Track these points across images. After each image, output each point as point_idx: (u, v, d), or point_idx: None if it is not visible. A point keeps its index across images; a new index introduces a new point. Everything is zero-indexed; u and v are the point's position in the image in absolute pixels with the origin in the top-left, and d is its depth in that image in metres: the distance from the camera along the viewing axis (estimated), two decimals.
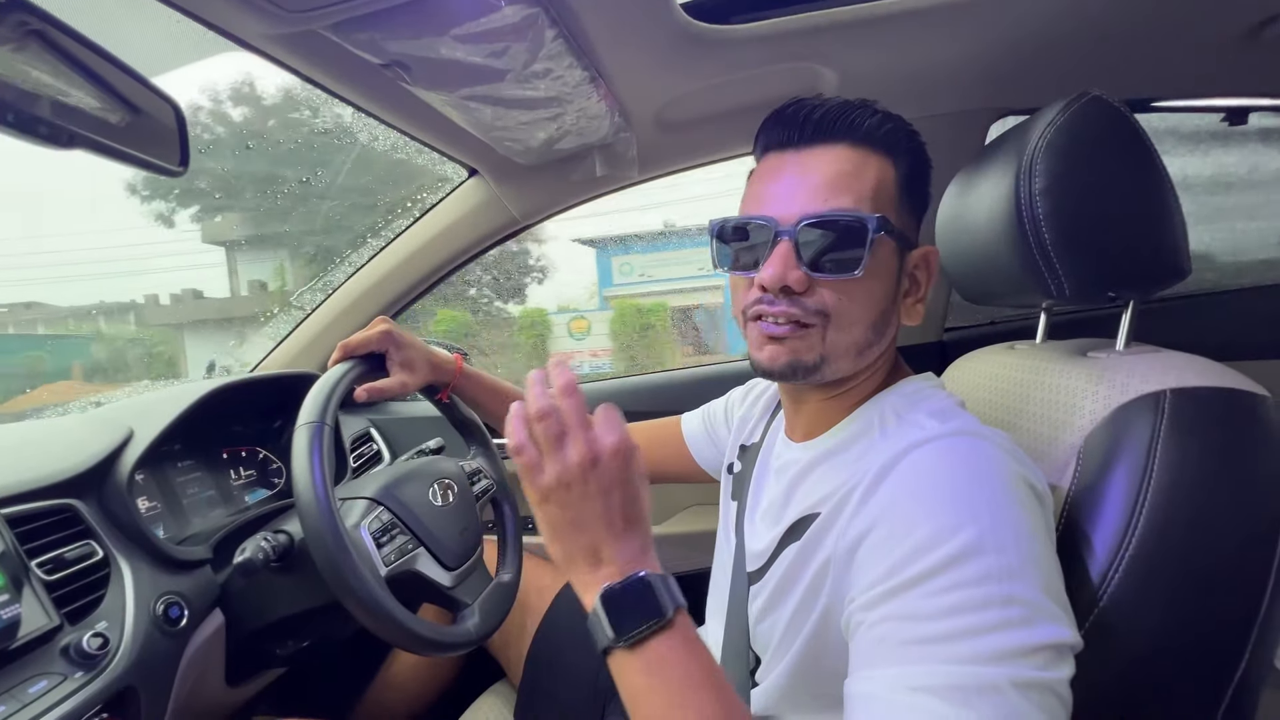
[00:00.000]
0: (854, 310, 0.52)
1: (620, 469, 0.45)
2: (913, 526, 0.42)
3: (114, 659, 0.59)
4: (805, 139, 0.53)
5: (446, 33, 0.57)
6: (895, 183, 0.53)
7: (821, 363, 0.53)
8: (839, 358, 0.53)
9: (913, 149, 0.54)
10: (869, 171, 0.51)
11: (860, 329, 0.53)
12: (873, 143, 0.52)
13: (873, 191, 0.51)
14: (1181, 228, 0.53)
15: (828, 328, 0.52)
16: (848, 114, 0.52)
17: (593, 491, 0.45)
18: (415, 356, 0.80)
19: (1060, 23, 0.79)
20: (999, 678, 0.36)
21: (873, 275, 0.51)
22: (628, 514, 0.46)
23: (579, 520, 0.45)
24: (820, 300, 0.51)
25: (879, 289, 0.53)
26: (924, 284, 0.57)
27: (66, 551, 0.62)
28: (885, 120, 0.53)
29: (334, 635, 0.85)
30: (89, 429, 0.75)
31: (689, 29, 0.73)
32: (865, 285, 0.51)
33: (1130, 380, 0.50)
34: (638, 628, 0.42)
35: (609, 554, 0.45)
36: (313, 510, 0.60)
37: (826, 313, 0.51)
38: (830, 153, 0.52)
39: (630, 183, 1.15)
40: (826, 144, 0.52)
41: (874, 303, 0.53)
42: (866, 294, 0.52)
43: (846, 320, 0.52)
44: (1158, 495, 0.45)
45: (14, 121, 0.41)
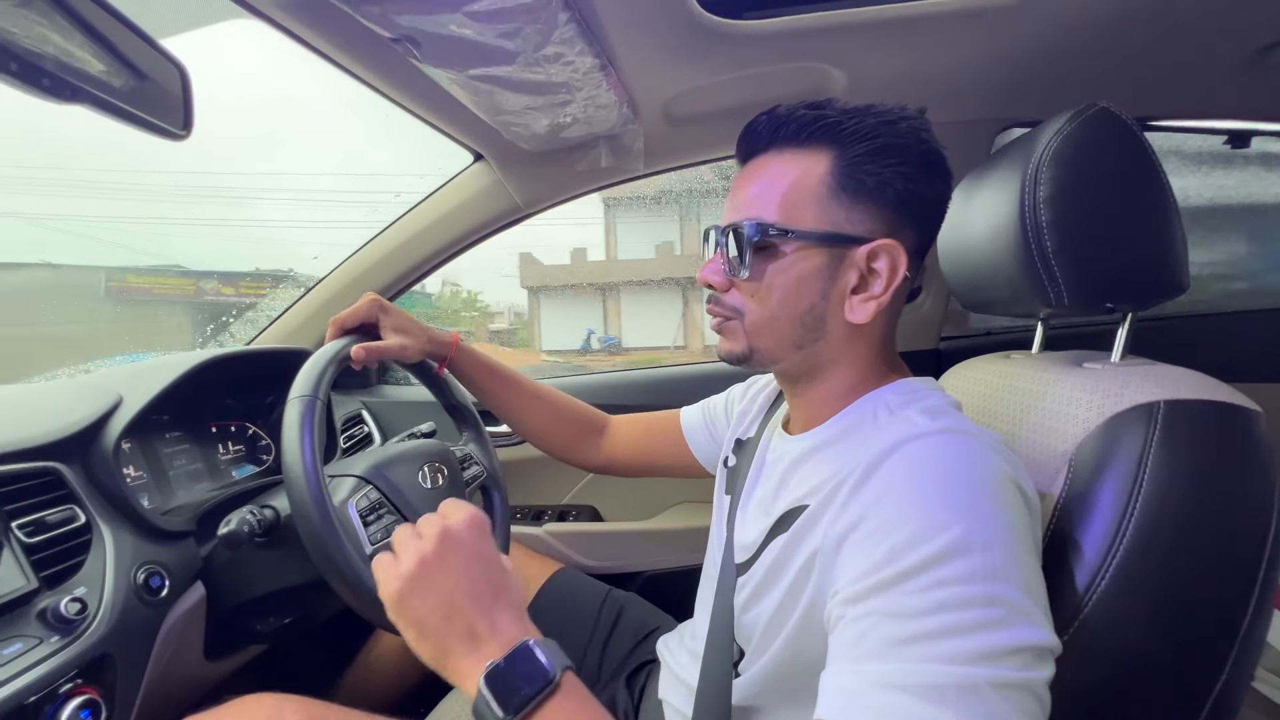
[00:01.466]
0: (759, 307, 0.55)
1: (475, 540, 0.48)
2: (899, 522, 0.42)
3: (91, 625, 0.58)
4: (748, 154, 0.57)
5: (459, 9, 0.57)
6: (825, 177, 0.52)
7: (751, 353, 0.57)
8: (770, 349, 0.57)
9: (862, 134, 0.51)
10: (787, 174, 0.53)
11: (779, 324, 0.55)
12: (799, 141, 0.53)
13: (783, 196, 0.53)
14: (1182, 243, 0.53)
15: (744, 323, 0.57)
16: (776, 123, 0.54)
17: (452, 567, 0.46)
18: (405, 322, 0.79)
19: (1069, 39, 0.79)
20: (978, 678, 0.36)
21: (776, 275, 0.54)
22: (493, 583, 0.46)
23: (448, 603, 0.45)
24: (733, 299, 0.57)
25: (789, 288, 0.54)
26: (885, 278, 0.52)
27: (48, 515, 0.61)
28: (821, 116, 0.52)
29: (316, 613, 0.85)
30: (77, 394, 0.74)
31: (702, 21, 0.73)
32: (769, 285, 0.54)
33: (1125, 391, 0.50)
34: (528, 698, 0.41)
35: (485, 629, 0.44)
36: (301, 485, 0.60)
37: (739, 309, 0.57)
38: (760, 163, 0.56)
39: (635, 175, 1.14)
40: (760, 155, 0.56)
41: (785, 300, 0.54)
42: (773, 293, 0.54)
43: (757, 316, 0.56)
44: (1147, 505, 0.45)
45: (17, 71, 0.40)
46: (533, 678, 0.41)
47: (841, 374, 0.57)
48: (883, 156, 0.51)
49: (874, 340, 0.57)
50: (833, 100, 0.54)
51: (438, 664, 0.45)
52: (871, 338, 0.56)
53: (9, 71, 0.40)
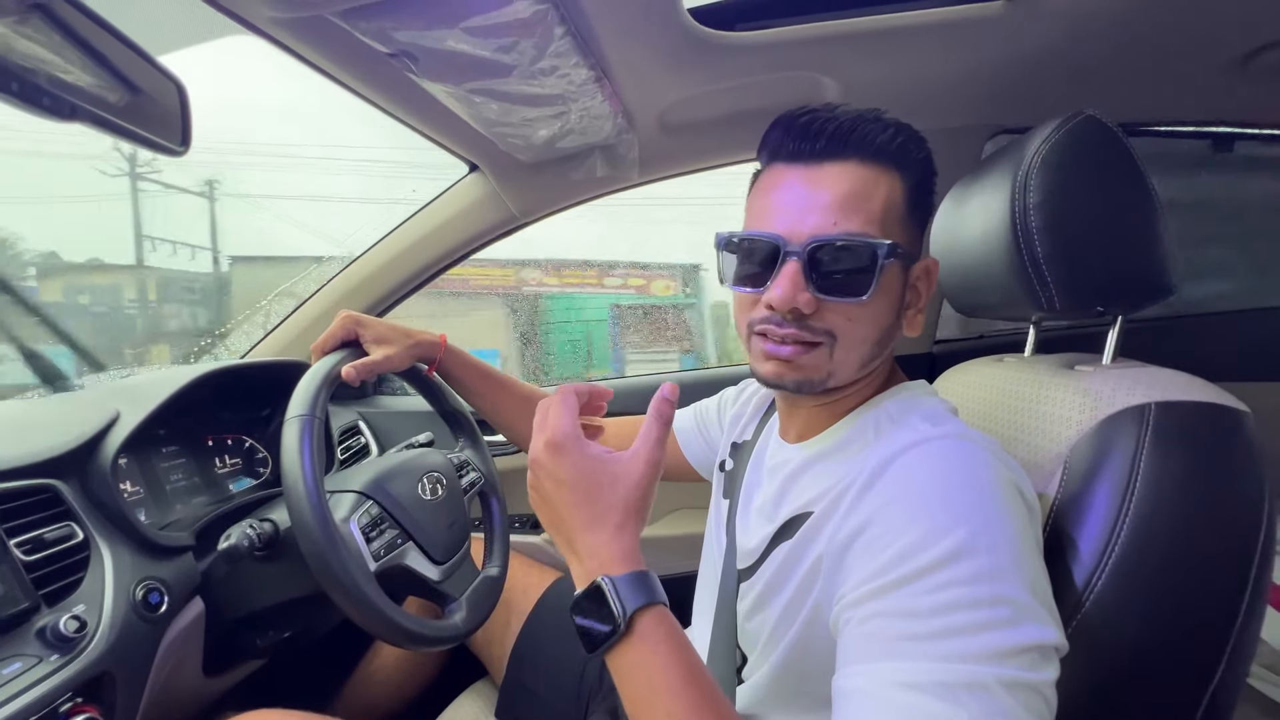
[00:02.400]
0: (860, 330, 0.52)
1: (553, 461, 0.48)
2: (905, 526, 0.42)
3: (90, 643, 0.58)
4: (814, 155, 0.52)
5: (456, 25, 0.57)
6: (903, 198, 0.52)
7: (828, 379, 0.53)
8: (843, 372, 0.54)
9: (921, 160, 0.54)
10: (879, 190, 0.51)
11: (866, 346, 0.53)
12: (883, 158, 0.51)
13: (881, 212, 0.51)
14: (1169, 247, 0.55)
15: (835, 347, 0.52)
16: (860, 128, 0.51)
17: (545, 489, 0.48)
18: (385, 331, 0.80)
19: (1056, 45, 0.81)
20: (987, 676, 0.36)
21: (879, 296, 0.51)
22: (581, 504, 0.47)
23: (551, 519, 0.48)
24: (826, 322, 0.51)
25: (884, 308, 0.53)
26: (924, 294, 0.57)
27: (46, 532, 0.61)
28: (897, 134, 0.52)
29: (316, 627, 0.84)
30: (74, 410, 0.74)
31: (695, 33, 0.74)
32: (872, 306, 0.52)
33: (1116, 393, 0.51)
34: (599, 642, 0.43)
35: (579, 549, 0.47)
36: (303, 505, 0.60)
37: (833, 333, 0.52)
38: (841, 170, 0.51)
39: (630, 184, 1.15)
40: (837, 160, 0.51)
41: (879, 321, 0.53)
42: (873, 314, 0.52)
43: (853, 340, 0.52)
44: (1141, 506, 0.46)
45: (18, 91, 0.40)
46: (603, 620, 0.43)
47: (859, 386, 0.57)
48: (932, 180, 0.56)
49: (892, 352, 0.58)
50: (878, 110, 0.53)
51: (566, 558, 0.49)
52: (891, 350, 0.58)
53: (10, 91, 0.40)
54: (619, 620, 0.42)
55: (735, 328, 0.60)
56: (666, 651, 0.42)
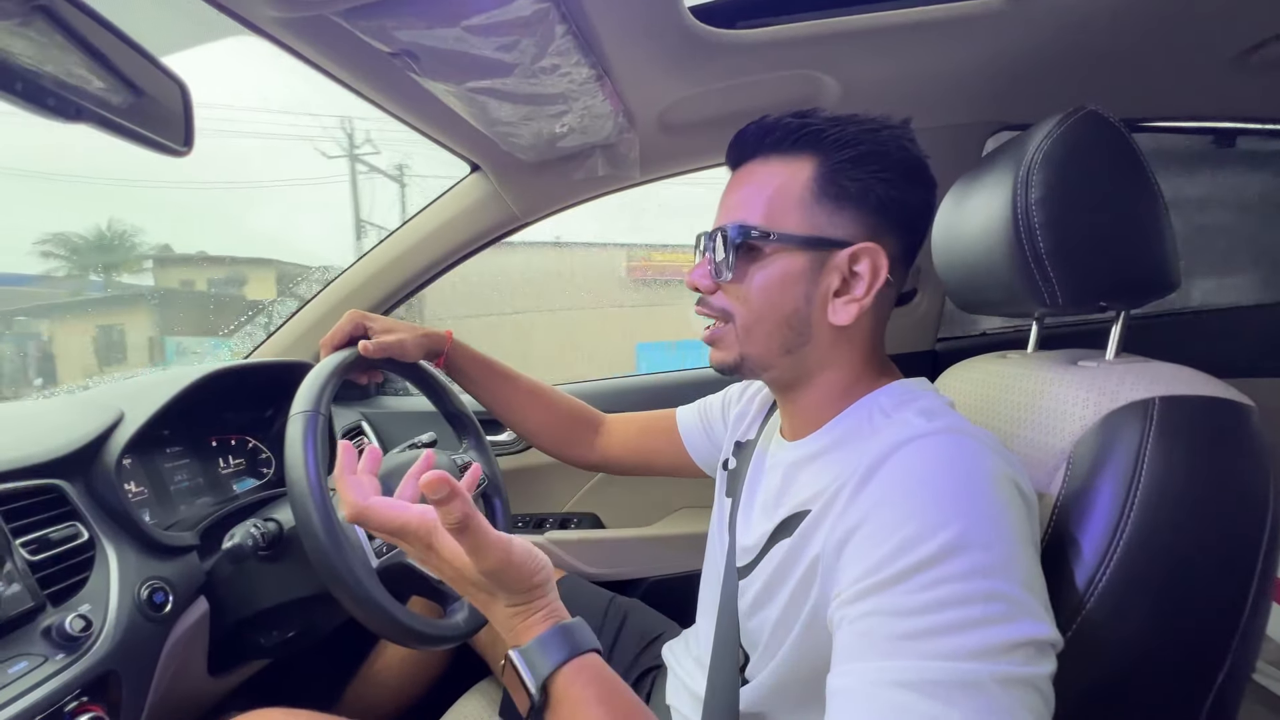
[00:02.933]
0: (748, 310, 0.56)
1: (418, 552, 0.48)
2: (899, 522, 0.42)
3: (96, 642, 0.58)
4: (735, 161, 0.59)
5: (458, 24, 0.58)
6: (806, 183, 0.53)
7: (742, 360, 0.58)
8: (759, 355, 0.57)
9: (845, 141, 0.53)
10: (772, 180, 0.55)
11: (766, 327, 0.56)
12: (782, 149, 0.55)
13: (767, 201, 0.54)
14: (1172, 242, 0.54)
15: (734, 325, 0.57)
16: (763, 131, 0.56)
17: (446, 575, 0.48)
18: (394, 325, 0.81)
19: (1057, 42, 0.81)
20: (981, 673, 0.36)
21: (765, 278, 0.55)
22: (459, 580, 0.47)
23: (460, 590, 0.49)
24: (720, 300, 0.58)
25: (773, 290, 0.55)
26: (867, 281, 0.53)
27: (51, 532, 0.61)
28: (806, 125, 0.54)
29: (320, 626, 0.85)
30: (78, 410, 0.74)
31: (696, 32, 0.74)
32: (754, 286, 0.55)
33: (1120, 388, 0.51)
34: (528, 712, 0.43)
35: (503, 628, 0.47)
36: (305, 502, 0.60)
37: (728, 312, 0.58)
38: (745, 171, 0.57)
39: (632, 183, 1.15)
40: (746, 162, 0.58)
41: (772, 304, 0.55)
42: (758, 294, 0.55)
43: (744, 319, 0.57)
44: (1145, 501, 0.46)
45: (22, 91, 0.40)
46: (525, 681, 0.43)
47: (831, 378, 0.58)
48: (864, 163, 0.53)
49: (861, 343, 0.57)
50: (818, 110, 0.56)
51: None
52: (858, 341, 0.57)
53: (14, 91, 0.40)
54: (533, 692, 0.43)
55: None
56: (588, 706, 0.42)
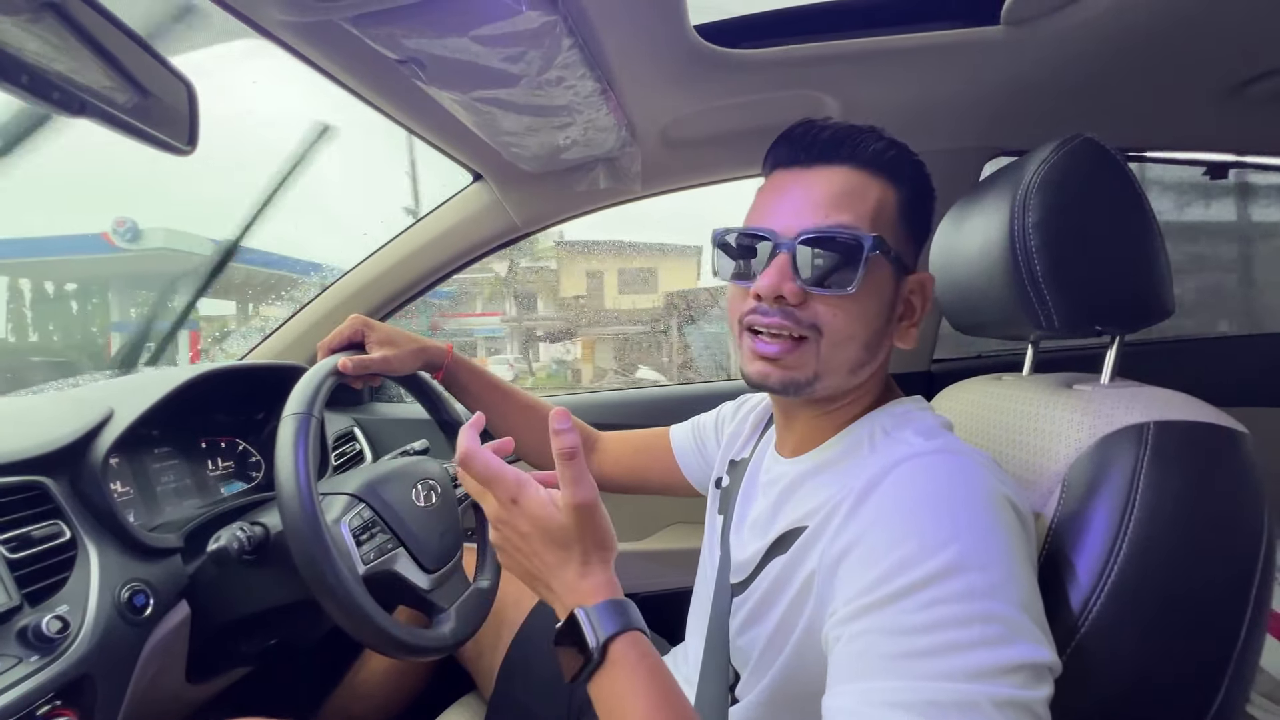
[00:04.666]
0: (846, 326, 0.52)
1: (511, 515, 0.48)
2: (896, 541, 0.42)
3: (73, 644, 0.57)
4: (810, 158, 0.54)
5: (466, 33, 0.58)
6: (895, 207, 0.54)
7: (815, 379, 0.53)
8: (832, 374, 0.54)
9: (915, 177, 0.56)
10: (870, 193, 0.53)
11: (854, 346, 0.53)
12: (876, 166, 0.53)
13: (873, 212, 0.52)
14: (1166, 269, 0.55)
15: (821, 342, 0.52)
16: (854, 137, 0.53)
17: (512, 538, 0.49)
18: (393, 335, 0.80)
19: (1054, 73, 0.82)
20: (978, 695, 0.36)
21: (867, 294, 0.52)
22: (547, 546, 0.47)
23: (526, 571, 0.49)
24: (813, 314, 0.52)
25: (873, 308, 0.53)
26: (919, 309, 0.57)
27: (33, 530, 0.60)
28: (890, 146, 0.54)
29: (303, 634, 0.83)
30: (67, 407, 0.73)
31: (700, 50, 0.75)
32: (859, 302, 0.52)
33: (1115, 412, 0.51)
34: (578, 671, 0.43)
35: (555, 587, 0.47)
36: (294, 503, 0.59)
37: (819, 326, 0.52)
38: (834, 173, 0.53)
39: (632, 197, 1.16)
40: (831, 164, 0.54)
41: (867, 321, 0.53)
42: (860, 311, 0.53)
43: (839, 336, 0.52)
44: (1140, 525, 0.46)
45: (28, 84, 0.41)
46: (580, 650, 0.43)
47: (858, 397, 0.58)
48: (928, 200, 0.57)
49: (886, 364, 0.58)
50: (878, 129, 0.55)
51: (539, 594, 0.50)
52: (885, 363, 0.58)
53: (19, 84, 0.40)
54: (593, 649, 0.43)
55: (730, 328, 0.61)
56: (642, 675, 0.43)
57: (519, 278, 3.92)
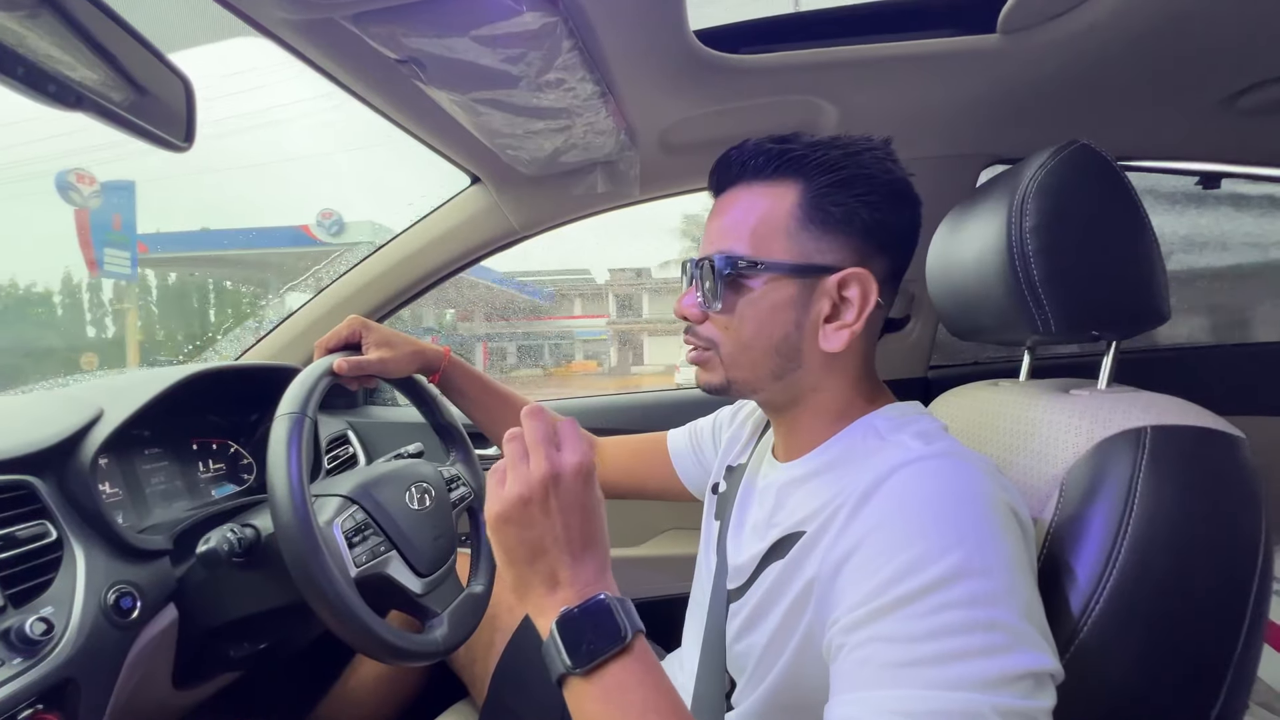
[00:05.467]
0: (732, 339, 0.56)
1: (580, 488, 0.45)
2: (898, 547, 0.42)
3: (56, 647, 0.56)
4: (719, 186, 0.59)
5: (467, 33, 0.58)
6: (793, 208, 0.53)
7: (729, 384, 0.58)
8: (748, 379, 0.57)
9: (827, 166, 0.53)
10: (756, 208, 0.54)
11: (754, 354, 0.56)
12: (767, 175, 0.54)
13: (752, 229, 0.54)
14: (1162, 274, 0.55)
15: (719, 353, 0.57)
16: (744, 157, 0.56)
17: (553, 509, 0.44)
18: (390, 337, 0.80)
19: (1049, 82, 0.83)
20: (982, 705, 0.35)
21: (749, 307, 0.55)
22: (586, 535, 0.45)
23: (537, 542, 0.44)
24: (707, 330, 0.58)
25: (763, 319, 0.54)
26: (857, 306, 0.53)
27: (18, 530, 0.59)
28: (787, 150, 0.54)
29: (294, 639, 0.82)
30: (56, 406, 0.72)
31: (700, 55, 0.76)
32: (743, 316, 0.55)
33: (1112, 416, 0.51)
34: (595, 653, 0.41)
35: (566, 576, 0.44)
36: (285, 504, 0.59)
37: (713, 340, 0.57)
38: (730, 197, 0.57)
39: (630, 201, 1.16)
40: (731, 188, 0.57)
41: (759, 332, 0.55)
42: (747, 324, 0.55)
43: (731, 347, 0.56)
44: (1138, 529, 0.46)
45: (24, 77, 0.40)
46: (604, 634, 0.42)
47: (824, 400, 0.57)
48: (848, 187, 0.53)
49: (853, 367, 0.57)
50: (799, 134, 0.56)
51: (518, 593, 0.46)
52: (850, 365, 0.57)
53: (15, 76, 0.40)
54: (625, 633, 0.42)
55: None
56: (662, 675, 0.43)
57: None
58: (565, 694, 0.42)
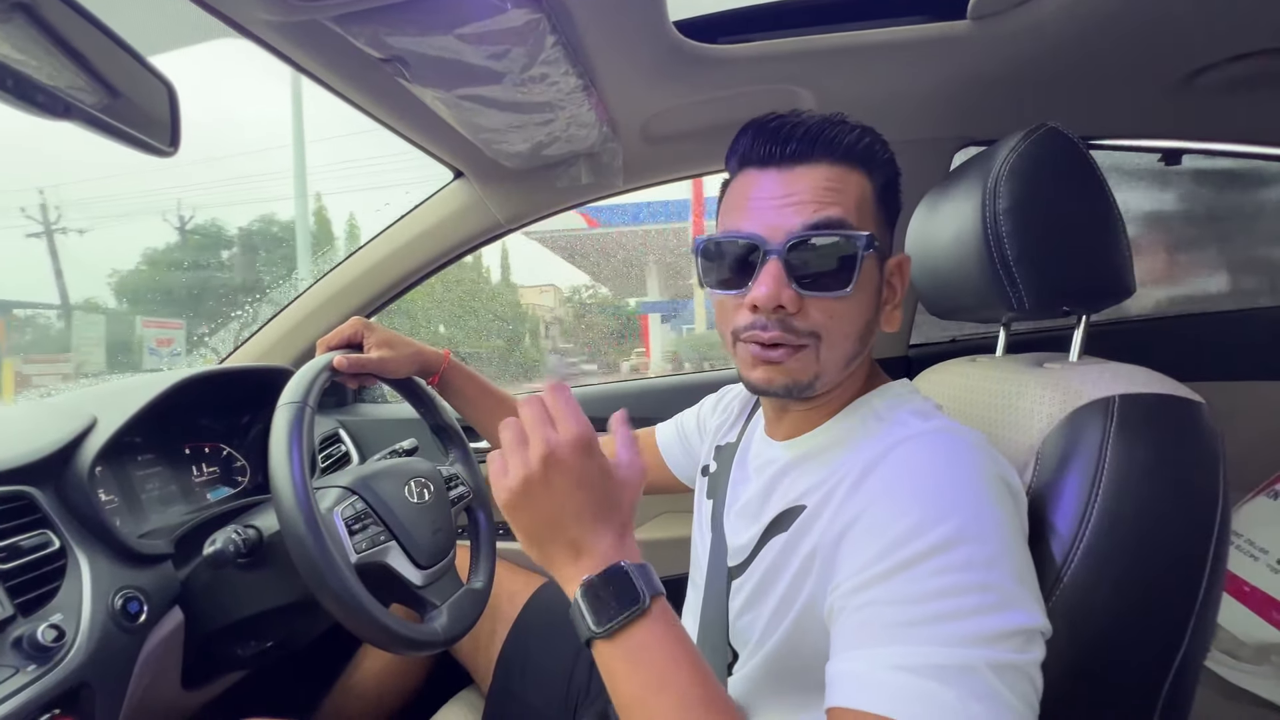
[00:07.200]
0: (843, 326, 0.53)
1: (581, 461, 0.46)
2: (898, 516, 0.44)
3: (69, 653, 0.56)
4: (786, 157, 0.52)
5: (450, 32, 0.58)
6: (873, 196, 0.55)
7: (816, 379, 0.54)
8: (830, 372, 0.54)
9: (887, 160, 0.56)
10: (851, 188, 0.52)
11: (850, 343, 0.54)
12: (852, 159, 0.53)
13: (856, 206, 0.52)
14: (1127, 250, 0.58)
15: (820, 346, 0.52)
16: (828, 132, 0.52)
17: (557, 486, 0.45)
18: (393, 339, 0.81)
19: (1018, 66, 0.85)
20: (976, 659, 0.38)
21: (860, 290, 0.52)
22: (597, 504, 0.46)
23: (550, 519, 0.46)
24: (811, 320, 0.52)
25: (866, 302, 0.54)
26: (899, 290, 0.58)
27: (22, 540, 0.59)
28: (863, 135, 0.54)
29: (298, 636, 0.83)
30: (49, 416, 0.72)
31: (680, 45, 0.77)
32: (854, 300, 0.53)
33: (1083, 387, 0.54)
34: (616, 617, 0.43)
35: (586, 546, 0.46)
36: (288, 490, 0.59)
37: (817, 332, 0.52)
38: (812, 170, 0.52)
39: (614, 191, 1.17)
40: (807, 162, 0.52)
41: (861, 316, 0.54)
42: (856, 309, 0.53)
43: (837, 337, 0.53)
44: (1108, 491, 0.49)
45: (12, 87, 0.40)
46: (623, 598, 0.43)
47: (850, 383, 0.59)
48: (897, 184, 0.58)
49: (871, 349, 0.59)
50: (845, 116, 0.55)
51: (544, 565, 0.48)
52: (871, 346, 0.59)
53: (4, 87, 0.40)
54: (643, 597, 0.44)
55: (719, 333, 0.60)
56: (683, 634, 0.45)
57: None
58: (595, 655, 0.45)
